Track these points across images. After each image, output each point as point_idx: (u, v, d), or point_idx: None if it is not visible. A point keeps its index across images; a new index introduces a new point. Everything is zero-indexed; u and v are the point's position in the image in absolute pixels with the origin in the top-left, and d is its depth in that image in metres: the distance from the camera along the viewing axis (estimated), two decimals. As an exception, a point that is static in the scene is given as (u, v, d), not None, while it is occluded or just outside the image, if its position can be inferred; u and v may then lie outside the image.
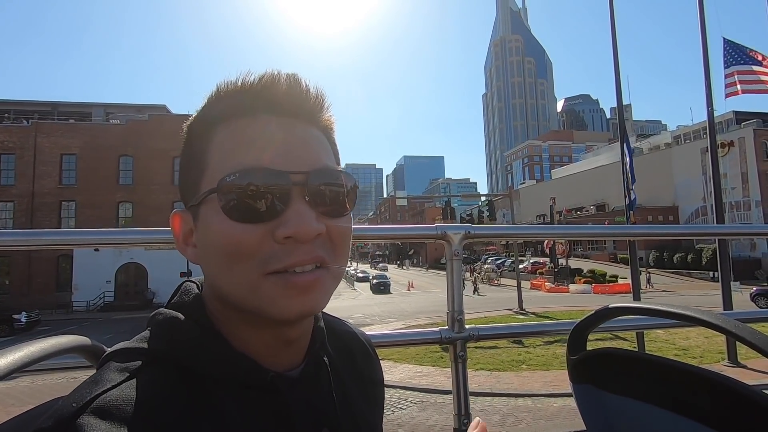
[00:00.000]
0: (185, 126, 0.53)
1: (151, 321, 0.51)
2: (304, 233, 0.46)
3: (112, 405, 0.39)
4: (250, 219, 0.46)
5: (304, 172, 0.47)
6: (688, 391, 0.71)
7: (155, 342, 0.47)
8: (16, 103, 38.02)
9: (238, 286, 0.46)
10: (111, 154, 31.62)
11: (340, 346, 0.62)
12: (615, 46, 10.52)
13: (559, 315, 17.46)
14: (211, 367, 0.46)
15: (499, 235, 1.43)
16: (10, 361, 0.41)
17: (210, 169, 0.48)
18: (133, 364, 0.44)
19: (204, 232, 0.48)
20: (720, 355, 9.78)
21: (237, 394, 0.47)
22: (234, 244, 0.45)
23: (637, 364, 0.81)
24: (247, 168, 0.46)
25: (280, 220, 0.46)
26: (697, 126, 60.88)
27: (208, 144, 0.49)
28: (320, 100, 0.53)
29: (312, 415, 0.51)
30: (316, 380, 0.54)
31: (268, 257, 0.45)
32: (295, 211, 0.46)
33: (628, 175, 9.87)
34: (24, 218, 30.05)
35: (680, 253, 41.42)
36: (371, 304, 28.10)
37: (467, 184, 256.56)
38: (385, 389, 0.70)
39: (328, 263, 0.48)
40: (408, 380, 9.03)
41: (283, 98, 0.49)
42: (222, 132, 0.49)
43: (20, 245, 1.04)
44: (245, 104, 0.49)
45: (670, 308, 0.75)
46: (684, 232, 1.71)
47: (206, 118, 0.51)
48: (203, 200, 0.48)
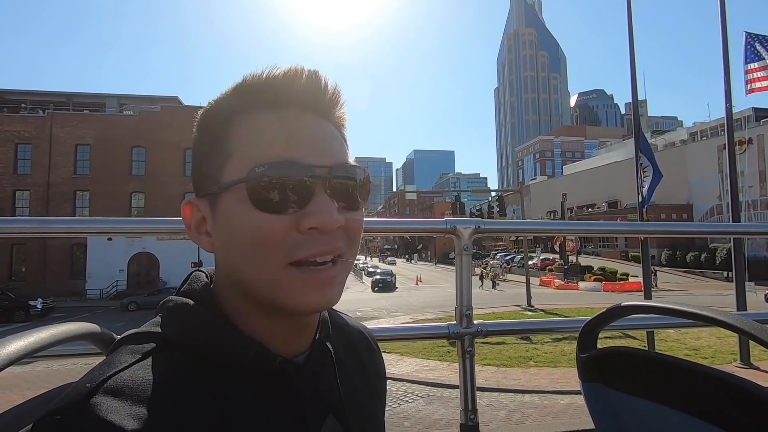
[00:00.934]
0: (202, 113, 0.53)
1: (161, 308, 0.51)
2: (328, 224, 0.47)
3: (124, 385, 0.40)
4: (277, 210, 0.47)
5: (327, 166, 0.49)
6: (702, 393, 0.69)
7: (167, 327, 0.48)
8: (32, 93, 38.59)
9: (260, 276, 0.47)
10: (124, 145, 32.01)
11: (342, 338, 0.63)
12: (631, 40, 10.31)
13: (568, 312, 17.32)
14: (221, 352, 0.47)
15: (510, 230, 1.41)
16: (20, 346, 0.41)
17: (235, 158, 0.49)
18: (146, 346, 0.45)
19: (226, 221, 0.49)
20: (732, 356, 9.63)
21: (247, 379, 0.48)
22: (261, 234, 0.46)
23: (649, 364, 0.79)
24: (276, 160, 0.47)
25: (305, 212, 0.47)
26: (714, 122, 59.68)
27: (230, 133, 0.50)
28: (336, 97, 0.54)
29: (318, 401, 0.52)
30: (322, 367, 0.55)
31: (291, 247, 0.47)
32: (318, 203, 0.48)
33: (646, 171, 9.69)
34: (40, 207, 30.63)
35: (693, 252, 40.79)
36: (379, 297, 28.20)
37: (477, 179, 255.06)
38: (387, 382, 0.71)
39: (343, 254, 0.50)
40: (415, 374, 9.05)
41: (304, 93, 0.51)
42: (247, 122, 0.50)
43: (35, 232, 1.05)
44: (270, 97, 0.50)
45: (686, 308, 0.74)
46: (699, 230, 1.67)
47: (230, 107, 0.51)
48: (227, 189, 0.48)
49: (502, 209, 26.00)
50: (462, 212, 27.88)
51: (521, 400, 7.67)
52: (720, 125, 56.66)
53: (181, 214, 0.54)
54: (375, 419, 0.62)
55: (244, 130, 0.50)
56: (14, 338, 0.43)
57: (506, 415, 6.99)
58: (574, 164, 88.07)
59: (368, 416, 0.59)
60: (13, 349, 0.41)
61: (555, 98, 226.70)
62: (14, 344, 0.41)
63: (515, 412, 7.09)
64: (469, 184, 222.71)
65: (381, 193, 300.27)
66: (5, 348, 0.40)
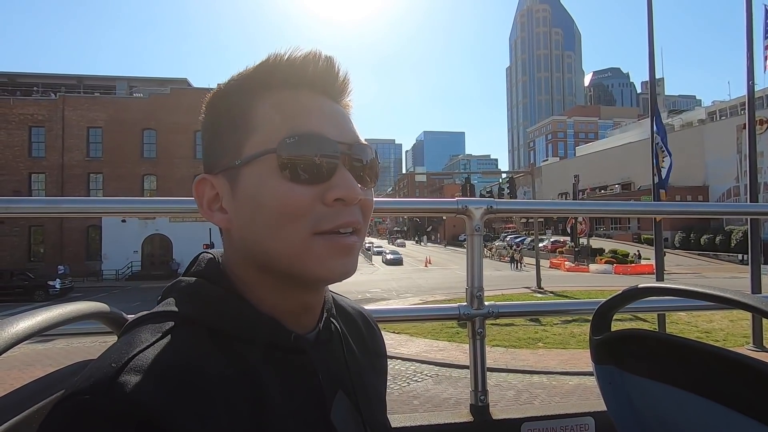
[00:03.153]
0: (218, 91, 0.54)
1: (173, 288, 0.52)
2: (352, 196, 0.50)
3: (150, 363, 0.40)
4: (305, 181, 0.49)
5: (348, 143, 0.52)
6: (716, 375, 0.68)
7: (182, 305, 0.49)
8: (43, 76, 38.76)
9: (287, 247, 0.49)
10: (135, 128, 32.14)
11: (345, 317, 0.65)
12: (650, 15, 9.92)
13: (578, 294, 17.27)
14: (238, 327, 0.48)
15: (522, 210, 1.39)
16: (30, 324, 0.43)
17: (260, 131, 0.50)
18: (165, 325, 0.46)
19: (250, 193, 0.50)
20: (744, 339, 9.56)
21: (265, 354, 0.49)
22: (290, 203, 0.48)
23: (662, 347, 0.78)
24: (305, 133, 0.50)
25: (330, 184, 0.50)
26: (734, 101, 57.86)
27: (252, 108, 0.52)
28: (346, 84, 0.56)
29: (329, 376, 0.53)
30: (330, 344, 0.56)
31: (318, 218, 0.49)
32: (341, 176, 0.50)
33: (662, 152, 9.46)
34: (55, 189, 31.11)
35: (708, 234, 40.15)
36: (388, 279, 28.39)
37: (488, 160, 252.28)
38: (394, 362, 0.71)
39: (361, 227, 0.53)
40: (424, 354, 9.15)
41: (319, 76, 0.53)
42: (271, 98, 0.52)
43: (49, 212, 1.06)
44: (290, 77, 0.52)
45: (705, 289, 0.72)
46: (715, 210, 1.63)
47: (252, 84, 0.53)
48: (251, 161, 0.50)
49: (513, 191, 25.78)
50: (472, 194, 27.70)
51: (530, 380, 7.73)
52: (740, 104, 54.89)
53: (193, 193, 0.54)
54: (379, 394, 0.64)
55: (267, 105, 0.52)
56: (25, 316, 0.44)
57: (514, 395, 7.06)
58: (586, 145, 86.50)
59: (373, 391, 0.61)
60: (23, 326, 0.42)
61: (568, 77, 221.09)
62: (25, 322, 0.42)
63: (523, 392, 7.16)
64: (480, 165, 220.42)
65: (391, 175, 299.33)
66: (17, 325, 0.41)
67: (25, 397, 0.50)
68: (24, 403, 0.49)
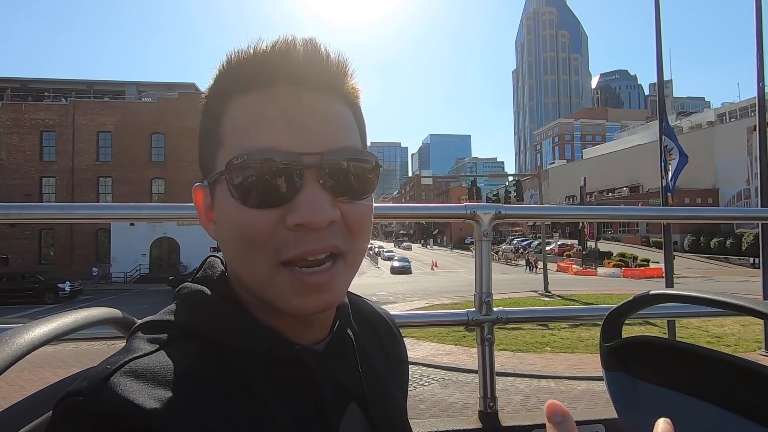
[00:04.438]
0: (202, 98, 0.50)
1: (177, 295, 0.50)
2: (315, 221, 0.43)
3: (144, 368, 0.39)
4: (260, 204, 0.43)
5: (318, 153, 0.44)
6: (729, 384, 0.67)
7: (182, 315, 0.47)
8: (54, 81, 39.32)
9: (252, 275, 0.45)
10: (143, 132, 32.49)
11: (365, 323, 0.61)
12: (658, 16, 9.86)
13: (586, 298, 17.11)
14: (238, 340, 0.45)
15: (531, 215, 1.38)
16: (45, 331, 0.43)
17: (225, 145, 0.46)
18: (162, 336, 0.44)
19: (219, 212, 0.47)
20: (756, 344, 9.41)
21: (264, 368, 0.46)
22: (246, 230, 0.43)
23: (675, 354, 0.77)
24: (255, 149, 0.43)
25: (292, 206, 0.43)
26: (744, 103, 57.23)
27: (221, 118, 0.47)
28: (343, 66, 0.48)
29: (339, 389, 0.50)
30: (342, 355, 0.53)
31: (280, 245, 0.43)
32: (306, 196, 0.43)
33: (672, 154, 9.35)
34: (65, 193, 31.51)
35: (718, 237, 39.63)
36: (395, 282, 28.33)
37: (494, 163, 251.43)
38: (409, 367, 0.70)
39: (342, 251, 0.46)
40: (431, 358, 9.12)
41: (301, 66, 0.45)
42: (234, 106, 0.46)
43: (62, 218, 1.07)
44: (259, 74, 0.45)
45: (717, 297, 0.71)
46: (725, 215, 1.61)
47: (219, 90, 0.48)
48: (217, 179, 0.46)
49: (520, 194, 25.63)
50: (478, 197, 27.61)
51: (537, 385, 7.66)
52: (750, 105, 54.27)
53: (193, 199, 0.52)
54: (398, 405, 0.60)
55: (231, 115, 0.46)
56: (41, 323, 0.44)
57: (522, 399, 7.00)
58: (594, 148, 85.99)
59: (391, 402, 0.58)
60: (39, 333, 0.42)
61: (575, 80, 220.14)
62: (41, 329, 0.43)
63: (531, 397, 7.10)
64: (486, 168, 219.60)
65: (396, 178, 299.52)
66: (32, 332, 0.42)
67: (37, 405, 0.51)
68: (36, 411, 0.49)
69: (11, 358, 0.37)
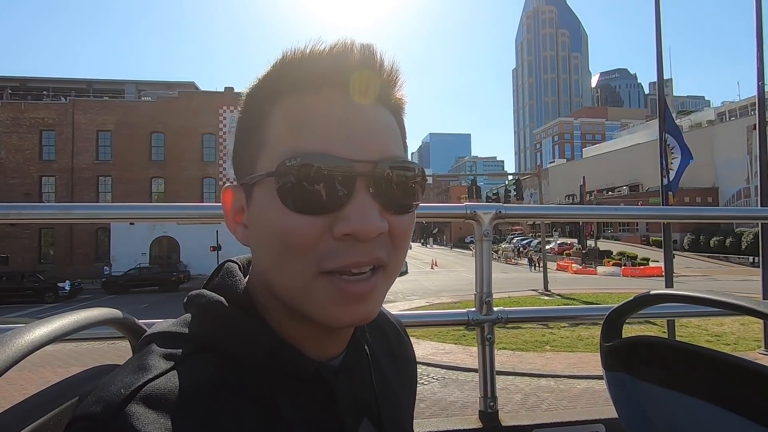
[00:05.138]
0: (246, 93, 0.48)
1: (191, 304, 0.48)
2: (365, 232, 0.41)
3: (160, 394, 0.37)
4: (308, 210, 0.41)
5: (371, 162, 0.43)
6: (730, 383, 0.67)
7: (198, 327, 0.45)
8: (53, 80, 39.30)
9: (288, 283, 0.43)
10: (143, 131, 32.47)
11: (373, 325, 0.61)
12: (658, 15, 9.85)
13: (586, 297, 17.12)
14: (257, 356, 0.44)
15: (532, 215, 1.38)
16: (46, 332, 0.43)
17: (269, 147, 0.44)
18: (177, 351, 0.42)
19: (257, 216, 0.45)
20: (756, 343, 9.42)
21: (283, 383, 0.45)
22: (290, 236, 0.41)
23: (675, 354, 0.77)
24: (308, 152, 0.42)
25: (341, 214, 0.42)
26: (744, 102, 57.24)
27: (267, 117, 0.45)
28: (394, 76, 0.47)
29: (353, 404, 0.50)
30: (358, 368, 0.52)
31: (324, 255, 0.42)
32: (357, 205, 0.42)
33: (673, 152, 9.33)
34: (65, 192, 31.50)
35: (718, 236, 39.64)
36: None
37: (494, 162, 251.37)
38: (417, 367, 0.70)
39: (385, 263, 0.44)
40: (430, 357, 9.12)
41: (355, 72, 0.44)
42: (284, 106, 0.44)
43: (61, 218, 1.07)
44: (312, 76, 0.44)
45: (718, 297, 0.71)
46: (725, 214, 1.61)
47: (267, 88, 0.46)
48: (259, 181, 0.44)
49: (520, 193, 25.63)
50: (478, 196, 27.60)
51: (537, 384, 7.67)
52: (750, 104, 54.25)
53: (221, 200, 0.50)
54: (406, 414, 0.60)
55: (279, 115, 0.44)
56: (41, 324, 0.44)
57: (522, 398, 7.01)
58: (594, 147, 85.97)
59: (401, 414, 0.57)
60: (39, 334, 0.42)
61: (575, 78, 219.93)
62: (41, 330, 0.43)
63: (531, 396, 7.11)
64: (486, 167, 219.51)
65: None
66: (33, 333, 0.42)
67: (39, 405, 0.51)
68: (38, 411, 0.50)
69: (12, 358, 0.37)
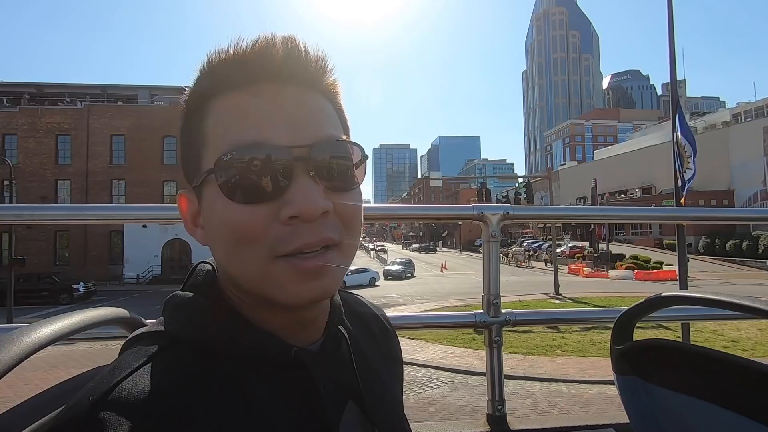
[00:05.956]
0: (182, 101, 0.50)
1: (167, 304, 0.49)
2: (309, 212, 0.43)
3: (128, 395, 0.37)
4: (252, 200, 0.43)
5: (306, 146, 0.44)
6: (743, 388, 0.66)
7: (172, 324, 0.46)
8: (69, 86, 40.08)
9: (246, 272, 0.44)
10: (156, 135, 32.95)
11: (358, 321, 0.61)
12: (670, 15, 9.73)
13: (598, 301, 16.92)
14: (232, 345, 0.45)
15: (540, 216, 1.37)
16: (52, 330, 0.44)
17: (209, 146, 0.46)
18: (151, 348, 0.43)
19: (208, 214, 0.46)
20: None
21: (261, 372, 0.45)
22: (239, 227, 0.43)
23: (688, 358, 0.75)
24: (244, 144, 0.43)
25: (284, 199, 0.43)
26: (760, 102, 56.25)
27: (203, 120, 0.47)
28: (322, 63, 0.49)
29: (336, 388, 0.50)
30: (337, 353, 0.53)
31: (275, 240, 0.43)
32: (298, 187, 0.43)
33: (686, 153, 9.17)
34: (80, 195, 32.12)
35: (734, 240, 38.87)
36: (403, 284, 28.33)
37: (504, 165, 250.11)
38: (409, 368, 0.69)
39: (337, 242, 0.46)
40: (440, 360, 9.07)
41: (281, 64, 0.46)
42: (218, 106, 0.46)
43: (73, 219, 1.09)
44: (240, 74, 0.46)
45: (732, 299, 0.69)
46: (740, 215, 1.58)
47: (200, 92, 0.48)
48: (204, 181, 0.46)
49: (530, 196, 25.44)
50: (488, 199, 27.44)
51: (548, 388, 7.58)
52: (766, 105, 53.26)
53: (178, 207, 0.51)
54: (395, 401, 0.60)
55: (215, 115, 0.46)
56: (48, 322, 0.45)
57: (532, 403, 6.93)
58: (606, 149, 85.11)
59: (388, 398, 0.57)
60: (46, 332, 0.43)
61: (586, 80, 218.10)
62: (48, 328, 0.43)
63: (542, 401, 7.02)
64: (496, 170, 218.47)
65: (406, 180, 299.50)
66: (40, 331, 0.42)
67: (44, 403, 0.51)
68: (42, 409, 0.50)
69: (18, 356, 0.38)
